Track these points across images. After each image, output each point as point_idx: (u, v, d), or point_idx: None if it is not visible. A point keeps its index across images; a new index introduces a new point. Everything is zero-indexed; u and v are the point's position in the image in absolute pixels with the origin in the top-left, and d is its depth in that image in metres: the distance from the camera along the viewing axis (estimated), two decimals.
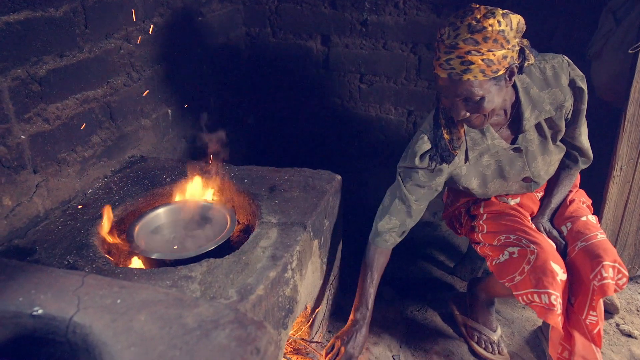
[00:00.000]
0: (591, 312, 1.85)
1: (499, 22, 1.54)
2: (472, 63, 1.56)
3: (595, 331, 1.86)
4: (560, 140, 1.98)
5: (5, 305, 1.20)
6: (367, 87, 2.98)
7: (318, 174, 2.13)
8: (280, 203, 1.92)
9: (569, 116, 1.92)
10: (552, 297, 1.77)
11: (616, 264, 1.80)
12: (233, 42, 2.99)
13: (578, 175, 2.17)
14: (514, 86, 1.81)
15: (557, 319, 1.78)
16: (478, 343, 2.25)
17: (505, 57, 1.59)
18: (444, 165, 1.90)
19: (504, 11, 1.58)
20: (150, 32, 2.26)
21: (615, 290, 1.82)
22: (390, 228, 2.03)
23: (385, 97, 2.97)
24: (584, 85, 1.86)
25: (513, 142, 1.92)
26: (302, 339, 2.08)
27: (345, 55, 2.94)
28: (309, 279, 1.88)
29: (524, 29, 1.64)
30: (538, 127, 1.91)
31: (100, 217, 1.82)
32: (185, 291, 1.47)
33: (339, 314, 2.41)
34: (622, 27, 2.21)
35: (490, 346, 2.22)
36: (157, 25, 2.31)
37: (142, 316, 1.18)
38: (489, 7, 1.58)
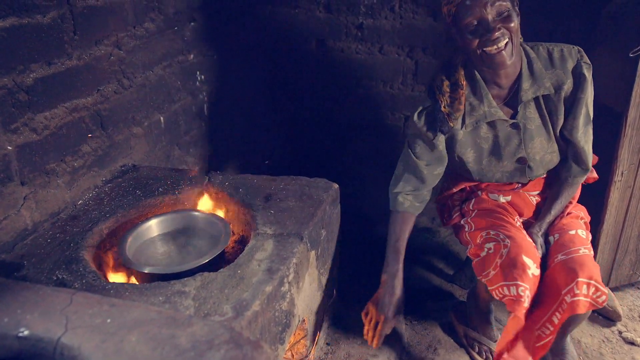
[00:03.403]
0: (547, 325, 1.83)
1: None
2: None
3: (539, 344, 1.84)
4: (560, 135, 1.98)
5: None
6: (363, 92, 2.93)
7: (314, 182, 2.09)
8: (276, 213, 1.88)
9: (569, 104, 1.93)
10: (520, 289, 1.77)
11: (592, 281, 1.75)
12: (227, 48, 2.94)
13: (579, 189, 2.14)
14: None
15: (522, 311, 1.77)
16: (479, 353, 2.21)
17: None
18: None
19: None
20: (141, 38, 2.21)
21: (590, 308, 1.77)
22: (402, 191, 2.08)
23: (381, 102, 2.93)
24: (588, 74, 1.88)
25: (513, 117, 1.95)
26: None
27: (340, 59, 2.90)
28: (306, 291, 1.83)
29: None
30: (538, 107, 1.94)
31: (91, 229, 1.77)
32: (179, 307, 1.42)
33: (338, 325, 2.37)
34: (621, 31, 2.18)
35: (490, 356, 2.19)
36: (148, 30, 2.26)
37: (134, 336, 1.13)
38: None
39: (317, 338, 2.12)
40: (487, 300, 2.20)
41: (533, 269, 1.81)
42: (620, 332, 2.36)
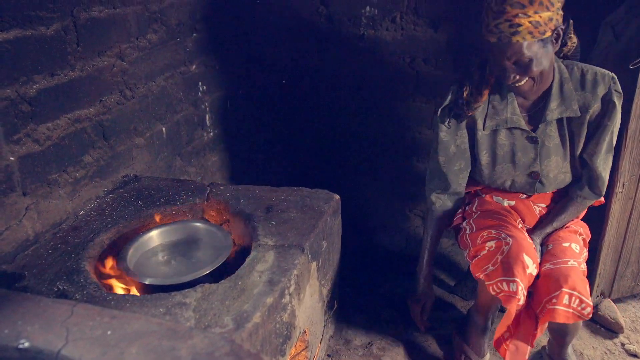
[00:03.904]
0: (530, 326, 1.92)
1: None
2: (520, 25, 1.65)
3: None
4: (579, 157, 1.98)
5: None
6: (363, 102, 2.94)
7: (316, 193, 2.09)
8: (277, 224, 1.88)
9: (592, 129, 1.92)
10: (518, 287, 1.80)
11: (575, 292, 1.77)
12: (228, 58, 2.95)
13: (585, 209, 2.15)
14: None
15: (514, 308, 1.81)
16: None
17: (551, 19, 1.68)
18: (463, 124, 2.00)
19: None
20: (143, 49, 2.23)
21: (574, 319, 1.79)
22: (433, 189, 2.15)
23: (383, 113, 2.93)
24: (618, 102, 1.88)
25: (533, 131, 1.95)
26: None
27: (342, 70, 2.91)
28: (307, 302, 1.83)
29: None
30: (560, 127, 1.93)
31: (92, 239, 1.77)
32: (180, 319, 1.42)
33: (339, 336, 2.36)
34: (621, 42, 2.19)
35: None
36: (151, 42, 2.27)
37: (134, 349, 1.13)
38: None
39: (318, 350, 2.11)
40: (483, 307, 2.19)
41: (531, 268, 1.84)
42: (622, 344, 2.35)
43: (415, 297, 2.39)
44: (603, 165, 1.98)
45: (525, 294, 1.83)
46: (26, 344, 1.14)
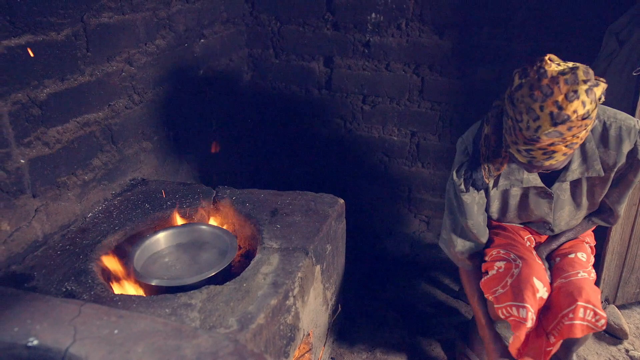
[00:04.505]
0: (544, 340, 1.85)
1: (583, 103, 1.41)
2: (555, 152, 1.50)
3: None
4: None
5: (0, 336, 1.17)
6: (369, 108, 2.96)
7: (320, 197, 2.11)
8: (282, 228, 1.90)
9: (615, 181, 1.82)
10: (528, 313, 1.76)
11: (589, 305, 1.74)
12: (235, 63, 2.99)
13: None
14: None
15: (524, 334, 1.78)
16: None
17: (587, 131, 1.50)
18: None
19: (587, 86, 1.42)
20: (152, 55, 2.26)
21: (588, 331, 1.76)
22: (469, 247, 2.01)
23: (388, 119, 2.96)
24: None
25: (548, 184, 1.84)
26: None
27: (347, 76, 2.93)
28: (311, 305, 1.85)
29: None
30: (578, 181, 1.83)
31: (100, 241, 1.80)
32: (185, 320, 1.44)
33: (343, 340, 2.37)
34: (625, 49, 2.19)
35: None
36: (159, 47, 2.30)
37: (140, 348, 1.15)
38: (568, 79, 1.42)
39: (321, 352, 2.12)
40: (492, 325, 2.18)
41: (542, 292, 1.80)
42: (627, 351, 2.35)
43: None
44: (622, 208, 1.91)
45: (535, 318, 1.79)
46: (35, 342, 1.16)
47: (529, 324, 1.77)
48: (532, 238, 2.10)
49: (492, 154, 1.74)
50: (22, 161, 1.70)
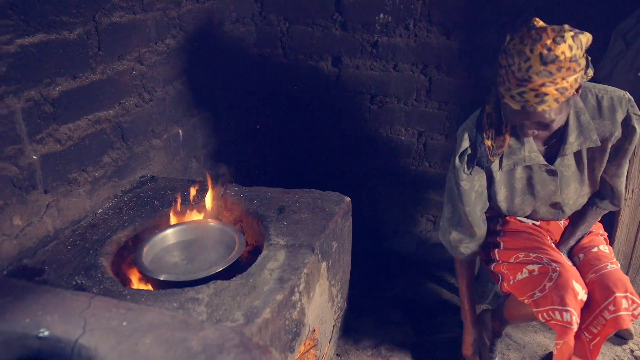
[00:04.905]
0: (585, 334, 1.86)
1: (570, 47, 1.52)
2: (546, 94, 1.56)
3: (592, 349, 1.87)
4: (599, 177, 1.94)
5: (12, 327, 1.20)
6: (377, 108, 2.98)
7: (327, 195, 2.13)
8: (288, 225, 1.92)
9: (613, 152, 1.86)
10: (573, 316, 1.76)
11: (628, 294, 1.77)
12: (245, 63, 3.02)
13: None
14: None
15: (572, 336, 1.78)
16: None
17: (576, 80, 1.59)
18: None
19: (573, 32, 1.55)
20: (162, 54, 2.29)
21: (631, 320, 1.78)
22: (461, 239, 2.07)
23: (395, 118, 2.97)
24: (638, 125, 1.79)
25: (550, 162, 1.88)
26: None
27: (356, 76, 2.95)
28: (316, 301, 1.87)
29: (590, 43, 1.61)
30: (578, 154, 1.87)
31: (109, 237, 1.84)
32: (192, 313, 1.47)
33: (348, 336, 2.39)
34: (632, 50, 2.20)
35: None
36: (169, 46, 2.34)
37: (148, 339, 1.18)
38: (555, 28, 1.55)
39: (327, 348, 2.14)
40: (508, 321, 2.20)
41: (582, 294, 1.80)
42: (632, 351, 2.35)
43: (471, 345, 2.25)
44: (623, 180, 1.94)
45: (579, 322, 1.79)
46: (46, 333, 1.19)
47: (575, 327, 1.77)
48: (549, 237, 2.10)
49: (495, 131, 1.82)
50: (34, 157, 1.73)
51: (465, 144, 1.90)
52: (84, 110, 1.92)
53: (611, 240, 2.35)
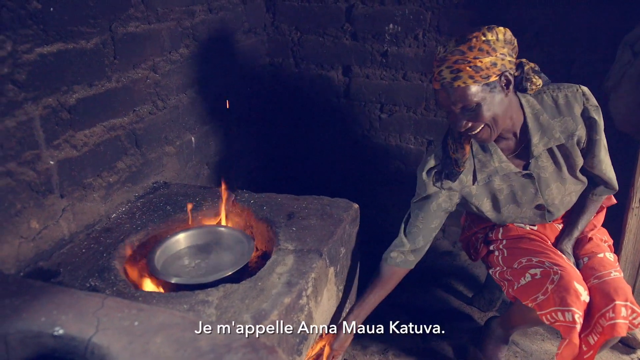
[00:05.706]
0: (582, 346, 1.84)
1: (483, 34, 1.69)
2: (460, 70, 1.68)
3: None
4: (581, 171, 1.98)
5: (28, 325, 1.24)
6: (387, 116, 3.02)
7: (335, 202, 2.16)
8: (297, 230, 1.96)
9: (585, 146, 1.92)
10: (576, 315, 1.77)
11: (628, 303, 1.77)
12: (256, 72, 3.07)
13: (603, 214, 2.17)
14: (523, 111, 1.86)
15: (576, 336, 1.79)
16: None
17: (494, 64, 1.69)
18: (454, 184, 1.96)
19: (490, 26, 1.72)
20: (175, 63, 2.34)
21: (630, 329, 1.79)
22: (399, 247, 2.11)
23: (405, 127, 3.00)
24: (597, 115, 1.86)
25: (525, 168, 1.95)
26: None
27: (365, 85, 2.99)
28: (324, 305, 1.90)
29: (513, 41, 1.75)
30: (551, 154, 1.93)
31: (122, 241, 1.88)
32: (202, 315, 1.50)
33: (355, 342, 2.41)
34: (639, 60, 2.21)
35: None
36: (182, 55, 2.39)
37: (159, 339, 1.21)
38: (482, 27, 1.72)
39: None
40: (514, 326, 2.21)
41: (584, 295, 1.81)
42: None
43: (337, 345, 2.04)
44: (607, 167, 1.98)
45: (582, 321, 1.80)
46: (60, 331, 1.23)
47: (578, 326, 1.78)
48: (547, 239, 2.12)
49: (457, 145, 1.90)
50: (51, 162, 1.79)
51: (432, 162, 1.98)
52: (99, 117, 1.97)
53: (617, 249, 2.35)
